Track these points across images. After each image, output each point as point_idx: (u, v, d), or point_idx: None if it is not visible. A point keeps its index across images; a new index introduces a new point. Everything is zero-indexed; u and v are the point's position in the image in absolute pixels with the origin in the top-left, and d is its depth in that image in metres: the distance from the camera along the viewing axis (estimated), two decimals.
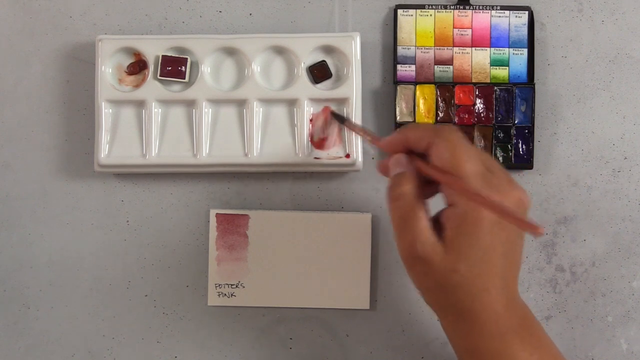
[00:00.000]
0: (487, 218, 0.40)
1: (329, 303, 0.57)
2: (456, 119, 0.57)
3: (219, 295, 0.57)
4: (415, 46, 0.58)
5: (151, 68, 0.56)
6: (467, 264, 0.40)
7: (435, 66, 0.58)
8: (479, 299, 0.41)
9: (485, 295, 0.41)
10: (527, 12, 0.58)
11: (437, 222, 0.42)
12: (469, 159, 0.40)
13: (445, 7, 0.58)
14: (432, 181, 0.43)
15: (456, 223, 0.41)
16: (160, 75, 0.56)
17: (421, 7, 0.58)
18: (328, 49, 0.57)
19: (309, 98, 0.56)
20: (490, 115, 0.57)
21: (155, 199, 0.58)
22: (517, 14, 0.58)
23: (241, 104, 0.57)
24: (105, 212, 0.58)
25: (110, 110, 0.57)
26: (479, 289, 0.41)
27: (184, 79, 0.56)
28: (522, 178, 0.58)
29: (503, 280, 0.41)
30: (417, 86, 0.57)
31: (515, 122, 0.57)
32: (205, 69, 0.57)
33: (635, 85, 0.58)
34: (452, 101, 0.57)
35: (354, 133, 0.55)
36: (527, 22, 0.58)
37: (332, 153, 0.56)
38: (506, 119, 0.57)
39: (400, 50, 0.58)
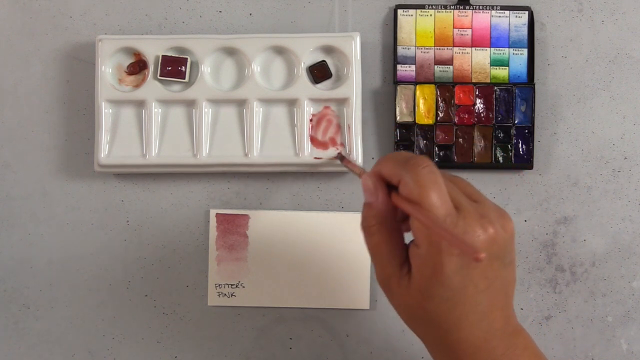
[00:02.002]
0: (450, 262, 0.38)
1: (329, 303, 0.57)
2: (456, 119, 0.57)
3: (219, 295, 0.57)
4: (415, 46, 0.58)
5: (151, 68, 0.56)
6: (434, 304, 0.40)
7: (435, 66, 0.58)
8: (451, 334, 0.41)
9: (458, 331, 0.40)
10: (527, 12, 0.58)
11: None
12: (437, 199, 0.38)
13: (445, 7, 0.58)
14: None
15: (419, 264, 0.40)
16: (160, 75, 0.56)
17: (421, 7, 0.58)
18: (328, 49, 0.57)
19: (309, 98, 0.56)
20: (490, 115, 0.57)
21: (155, 199, 0.58)
22: (517, 14, 0.58)
23: (241, 104, 0.57)
24: (105, 212, 0.58)
25: (110, 110, 0.57)
26: (450, 325, 0.40)
27: (184, 79, 0.56)
28: (522, 178, 0.58)
29: (480, 314, 0.40)
30: (417, 86, 0.57)
31: (515, 122, 0.57)
32: (205, 69, 0.57)
33: (635, 85, 0.58)
34: (452, 101, 0.57)
35: (353, 135, 0.55)
36: (527, 22, 0.58)
37: (332, 153, 0.56)
38: (506, 119, 0.57)
39: (400, 50, 0.58)
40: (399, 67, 0.58)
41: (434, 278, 0.39)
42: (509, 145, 0.57)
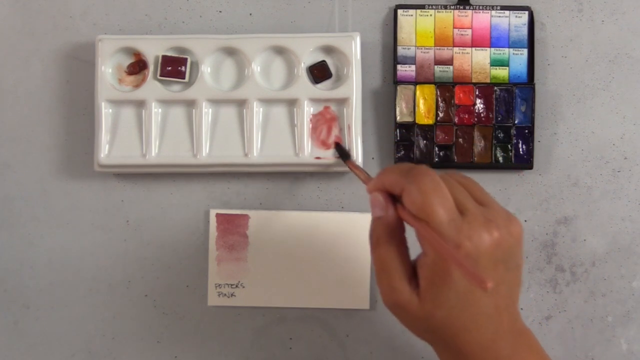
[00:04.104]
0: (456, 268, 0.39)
1: (329, 303, 0.57)
2: (456, 119, 0.57)
3: (219, 295, 0.57)
4: (415, 46, 0.58)
5: (151, 68, 0.56)
6: (443, 311, 0.40)
7: (435, 66, 0.58)
8: (460, 337, 0.41)
9: (466, 333, 0.41)
10: (527, 12, 0.58)
11: (415, 268, 0.42)
12: (439, 206, 0.39)
13: (445, 7, 0.58)
14: None
15: (428, 273, 0.40)
16: (160, 75, 0.56)
17: (421, 7, 0.58)
18: (328, 49, 0.57)
19: (309, 98, 0.56)
20: (490, 115, 0.57)
21: (155, 199, 0.58)
22: (517, 14, 0.58)
23: (241, 104, 0.57)
24: (105, 212, 0.58)
25: (110, 110, 0.57)
26: (458, 329, 0.41)
27: (184, 79, 0.56)
28: (522, 178, 0.58)
29: (487, 316, 0.41)
30: (417, 86, 0.57)
31: (515, 122, 0.57)
32: (205, 69, 0.57)
33: (635, 85, 0.58)
34: (452, 101, 0.57)
35: (353, 135, 0.55)
36: (527, 22, 0.58)
37: (332, 153, 0.56)
38: (506, 119, 0.57)
39: (400, 50, 0.58)
40: (399, 67, 0.58)
41: (443, 285, 0.40)
42: (509, 145, 0.57)
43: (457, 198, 0.40)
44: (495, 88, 0.57)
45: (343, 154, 0.55)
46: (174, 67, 0.56)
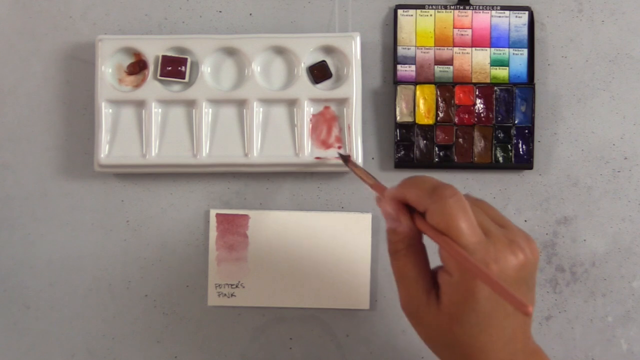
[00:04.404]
0: (482, 289, 0.39)
1: (329, 303, 0.57)
2: (456, 119, 0.57)
3: (219, 295, 0.57)
4: (415, 46, 0.58)
5: (151, 68, 0.56)
6: (462, 328, 0.40)
7: (435, 66, 0.58)
8: (476, 357, 0.41)
9: (483, 353, 0.41)
10: (527, 12, 0.58)
11: (436, 278, 0.42)
12: (466, 229, 0.39)
13: (445, 7, 0.58)
14: None
15: (450, 291, 0.40)
16: (160, 75, 0.56)
17: (421, 7, 0.58)
18: (328, 49, 0.57)
19: (309, 98, 0.56)
20: (491, 116, 0.57)
21: (155, 199, 0.58)
22: (517, 14, 0.58)
23: (241, 104, 0.57)
24: (105, 212, 0.58)
25: (110, 110, 0.57)
26: (475, 348, 0.41)
27: (184, 79, 0.56)
28: (522, 178, 0.58)
29: (506, 337, 0.41)
30: (417, 86, 0.57)
31: (515, 122, 0.57)
32: (205, 69, 0.57)
33: (635, 85, 0.58)
34: (452, 101, 0.57)
35: (353, 135, 0.55)
36: (527, 22, 0.58)
37: (332, 153, 0.56)
38: (506, 119, 0.57)
39: (400, 50, 0.58)
40: (399, 67, 0.58)
41: (466, 304, 0.39)
42: (509, 145, 0.57)
43: (479, 220, 0.40)
44: (495, 88, 0.57)
45: (344, 159, 0.55)
46: (174, 67, 0.56)
